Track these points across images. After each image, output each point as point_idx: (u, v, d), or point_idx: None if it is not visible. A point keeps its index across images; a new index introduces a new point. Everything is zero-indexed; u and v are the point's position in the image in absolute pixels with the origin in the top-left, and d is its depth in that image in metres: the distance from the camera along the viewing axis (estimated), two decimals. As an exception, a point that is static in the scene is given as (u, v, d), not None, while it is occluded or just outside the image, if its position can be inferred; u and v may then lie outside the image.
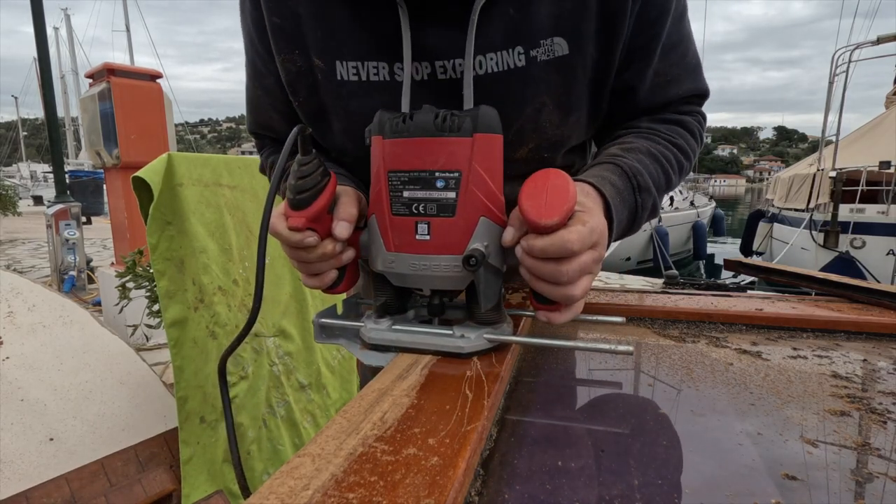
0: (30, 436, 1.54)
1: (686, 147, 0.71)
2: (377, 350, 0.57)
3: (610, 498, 0.36)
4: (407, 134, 0.51)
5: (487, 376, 0.48)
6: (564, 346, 0.58)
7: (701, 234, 12.12)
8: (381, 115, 0.54)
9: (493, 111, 0.52)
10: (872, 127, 10.06)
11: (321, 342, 0.64)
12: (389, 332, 0.57)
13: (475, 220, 0.51)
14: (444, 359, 0.53)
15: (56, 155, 5.04)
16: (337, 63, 0.65)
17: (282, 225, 0.55)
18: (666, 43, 0.66)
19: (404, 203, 0.52)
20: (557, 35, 0.61)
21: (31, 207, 15.59)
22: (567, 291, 0.48)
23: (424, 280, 0.55)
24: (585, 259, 0.47)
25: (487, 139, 0.51)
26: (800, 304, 0.80)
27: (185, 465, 1.51)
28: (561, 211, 0.45)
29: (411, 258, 0.53)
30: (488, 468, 0.40)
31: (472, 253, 0.49)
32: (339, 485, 0.33)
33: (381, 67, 0.64)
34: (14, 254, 7.62)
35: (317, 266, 0.58)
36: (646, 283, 6.30)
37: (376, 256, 0.56)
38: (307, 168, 0.53)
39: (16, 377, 1.72)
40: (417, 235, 0.52)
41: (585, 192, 0.56)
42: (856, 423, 0.46)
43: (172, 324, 1.47)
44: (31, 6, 4.61)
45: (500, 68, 0.62)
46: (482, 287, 0.54)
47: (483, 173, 0.50)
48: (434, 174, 0.51)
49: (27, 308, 2.05)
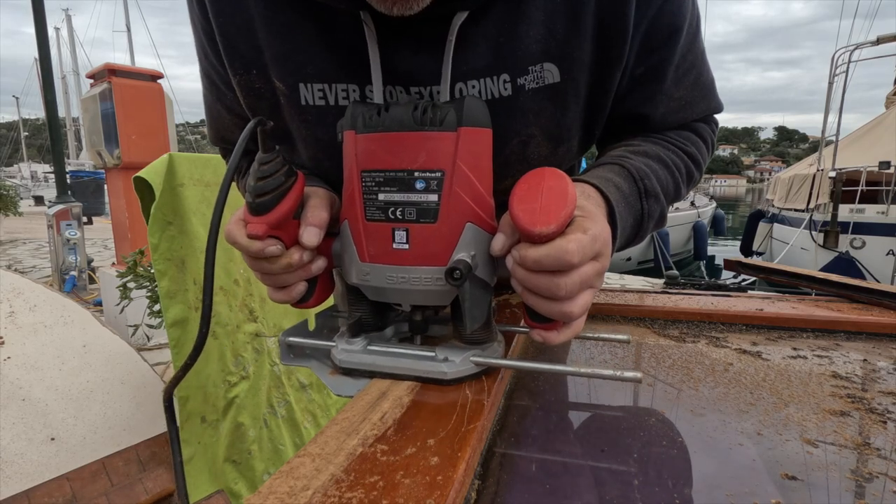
0: (31, 435, 1.54)
1: (698, 156, 0.66)
2: (350, 375, 0.51)
3: (609, 498, 0.36)
4: (382, 128, 0.45)
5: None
6: (562, 371, 0.52)
7: (702, 234, 12.11)
8: (353, 106, 0.48)
9: (481, 102, 0.46)
10: (872, 127, 10.05)
11: (288, 364, 0.56)
12: (364, 353, 0.51)
13: (460, 226, 0.46)
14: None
15: (57, 155, 5.05)
16: (301, 86, 0.57)
17: (239, 233, 0.48)
18: (679, 65, 0.60)
19: (379, 207, 0.46)
20: (548, 61, 0.54)
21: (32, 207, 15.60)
22: (565, 308, 0.43)
23: (403, 294, 0.49)
24: (587, 271, 0.42)
25: (474, 134, 0.45)
26: (800, 304, 0.80)
27: (186, 465, 1.51)
28: (558, 217, 0.40)
29: (388, 270, 0.48)
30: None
31: (457, 264, 0.44)
32: (339, 485, 0.33)
33: (352, 90, 0.56)
34: (15, 254, 7.62)
35: (283, 278, 0.51)
36: (646, 283, 6.30)
37: (349, 267, 0.50)
38: (269, 167, 0.47)
39: (17, 377, 1.72)
40: (395, 244, 0.47)
41: (587, 195, 0.51)
42: (856, 423, 0.46)
43: (173, 324, 1.47)
44: (32, 7, 4.62)
45: (484, 97, 0.55)
46: (467, 305, 0.47)
47: (469, 173, 0.45)
48: (413, 174, 0.45)
49: (28, 308, 2.05)
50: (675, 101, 0.63)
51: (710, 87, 0.66)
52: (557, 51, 0.54)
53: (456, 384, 0.48)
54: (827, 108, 8.97)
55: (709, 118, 0.70)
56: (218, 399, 1.56)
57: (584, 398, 0.55)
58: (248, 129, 0.46)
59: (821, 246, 7.76)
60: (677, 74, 0.61)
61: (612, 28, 0.54)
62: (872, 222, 7.49)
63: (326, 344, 0.54)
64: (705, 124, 0.69)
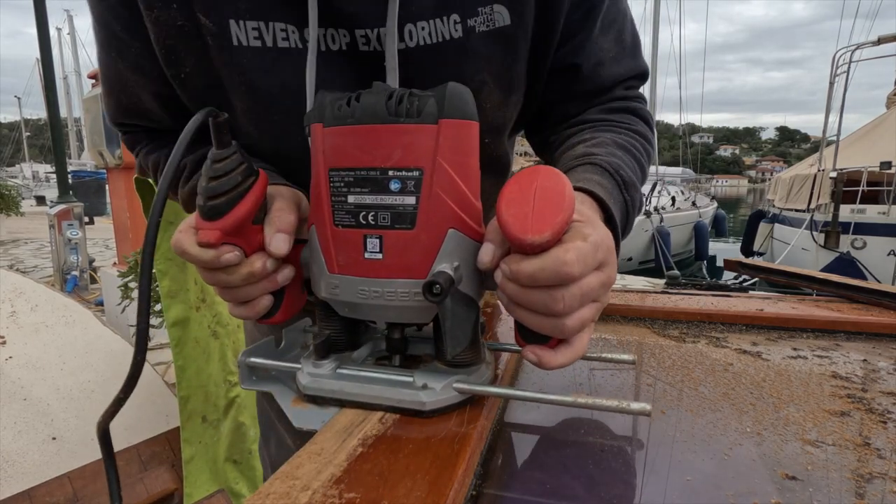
0: (32, 435, 1.55)
1: (647, 134, 0.64)
2: (316, 403, 0.45)
3: (609, 498, 0.36)
4: (352, 120, 0.40)
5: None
6: (559, 402, 0.42)
7: (703, 234, 12.12)
8: (321, 96, 0.42)
9: (466, 90, 0.41)
10: (873, 127, 10.05)
11: (248, 388, 0.49)
12: (332, 377, 0.45)
13: (441, 233, 0.40)
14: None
15: (59, 155, 5.06)
16: (231, 23, 0.50)
17: (188, 241, 0.42)
18: (605, 17, 0.59)
19: (349, 211, 0.41)
20: (497, 3, 0.52)
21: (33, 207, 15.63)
22: (563, 325, 0.37)
23: (377, 311, 0.43)
24: (590, 283, 0.37)
25: (457, 127, 0.40)
26: (800, 304, 0.80)
27: (187, 465, 1.51)
28: (553, 223, 0.35)
29: (359, 283, 0.42)
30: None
31: (437, 278, 0.38)
32: (339, 484, 0.33)
33: (291, 31, 0.50)
34: (17, 254, 7.64)
35: (245, 291, 0.45)
36: (647, 283, 6.30)
37: (318, 279, 0.45)
38: (224, 165, 0.41)
39: (19, 377, 1.73)
40: (367, 253, 0.41)
41: (580, 199, 0.46)
42: (856, 424, 0.46)
43: (174, 323, 1.47)
44: (34, 8, 4.63)
45: (434, 40, 0.52)
46: (449, 324, 0.41)
47: (452, 171, 0.40)
48: (387, 173, 0.39)
49: (30, 308, 2.06)
50: (604, 52, 0.61)
51: (635, 44, 0.65)
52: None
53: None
54: (828, 108, 8.98)
55: (640, 97, 0.67)
56: (219, 399, 1.56)
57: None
58: (197, 119, 0.39)
59: (822, 246, 7.76)
60: (603, 24, 0.60)
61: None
62: (873, 223, 7.48)
63: (291, 366, 0.48)
64: (639, 104, 0.66)
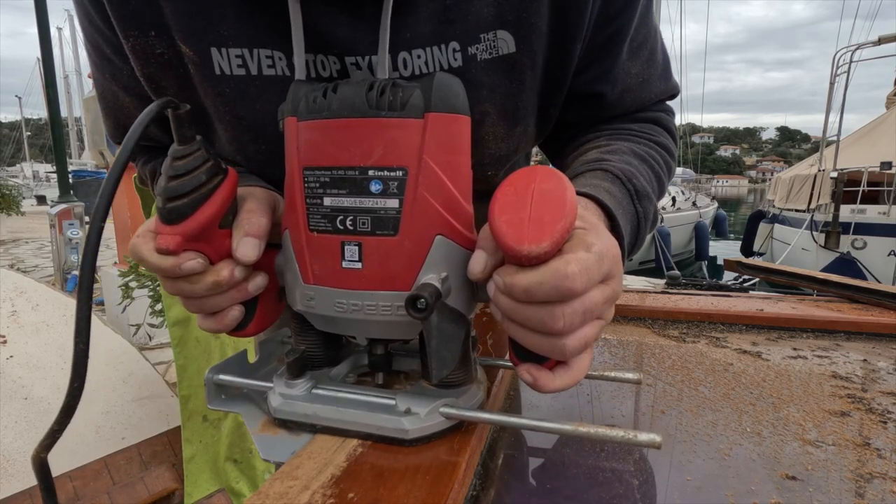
0: (33, 434, 1.55)
1: (669, 145, 0.61)
2: (287, 428, 0.41)
3: (609, 498, 0.36)
4: (328, 113, 0.36)
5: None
6: (558, 431, 0.37)
7: (703, 234, 12.11)
8: (296, 86, 0.39)
9: (456, 80, 0.37)
10: (873, 127, 10.04)
11: (215, 408, 0.45)
12: (306, 399, 0.40)
13: (428, 240, 0.36)
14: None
15: (59, 155, 5.06)
16: (213, 52, 0.46)
17: (146, 247, 0.38)
18: (634, 38, 0.55)
19: (325, 215, 0.37)
20: (502, 28, 0.48)
21: (34, 207, 15.66)
22: (563, 345, 0.33)
23: (356, 326, 0.39)
24: (593, 298, 0.33)
25: (446, 121, 0.36)
26: (800, 304, 0.80)
27: (188, 464, 1.51)
28: (553, 231, 0.31)
29: (336, 294, 0.37)
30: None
31: (421, 291, 0.34)
32: (339, 485, 0.33)
33: (278, 58, 0.47)
34: (18, 253, 7.64)
35: (211, 301, 0.41)
36: (647, 283, 6.30)
37: (293, 289, 0.40)
38: (186, 163, 0.37)
39: (19, 376, 1.73)
40: (345, 262, 0.37)
41: (583, 204, 0.43)
42: (856, 423, 0.46)
43: (175, 323, 1.48)
44: (35, 7, 4.63)
45: (430, 69, 0.48)
46: (434, 343, 0.36)
47: (440, 171, 0.36)
48: (367, 172, 0.35)
49: (31, 307, 2.06)
50: (632, 77, 0.57)
51: (666, 65, 0.61)
52: (512, 15, 0.47)
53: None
54: (828, 108, 8.98)
55: (666, 107, 0.64)
56: (219, 398, 1.57)
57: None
58: (151, 110, 0.36)
59: (822, 246, 7.76)
60: (632, 48, 0.56)
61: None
62: (874, 223, 7.48)
63: (262, 385, 0.44)
64: (665, 115, 0.63)
